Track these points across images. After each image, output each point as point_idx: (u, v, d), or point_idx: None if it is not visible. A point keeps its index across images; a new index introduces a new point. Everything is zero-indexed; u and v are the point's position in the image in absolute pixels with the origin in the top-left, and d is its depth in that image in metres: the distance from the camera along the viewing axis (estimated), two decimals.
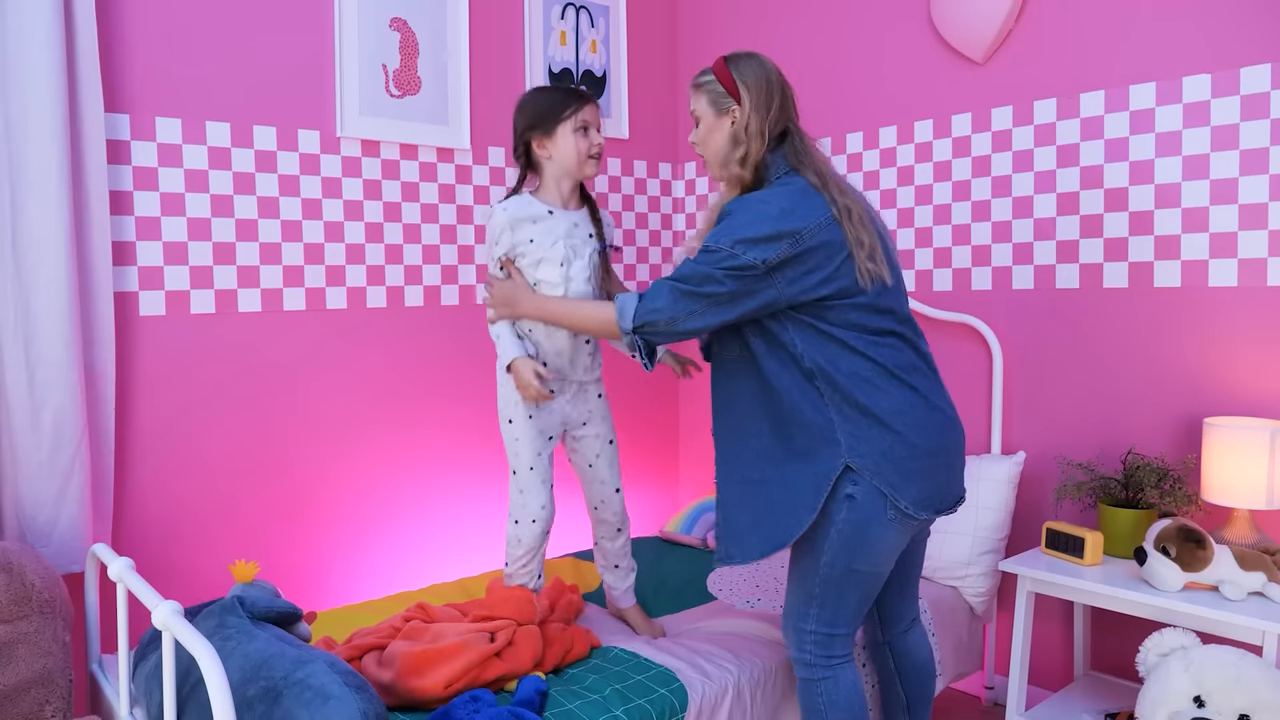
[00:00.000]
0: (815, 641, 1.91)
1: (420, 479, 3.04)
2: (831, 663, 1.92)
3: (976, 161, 2.79)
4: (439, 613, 2.07)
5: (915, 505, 1.79)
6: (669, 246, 3.70)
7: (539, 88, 2.22)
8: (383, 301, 2.93)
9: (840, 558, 1.83)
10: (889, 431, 1.78)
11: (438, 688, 1.74)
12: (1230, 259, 2.33)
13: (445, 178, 3.05)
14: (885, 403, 1.78)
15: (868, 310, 1.80)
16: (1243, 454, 2.15)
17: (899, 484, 1.78)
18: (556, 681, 1.96)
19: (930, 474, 1.81)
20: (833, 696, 1.91)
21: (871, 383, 1.79)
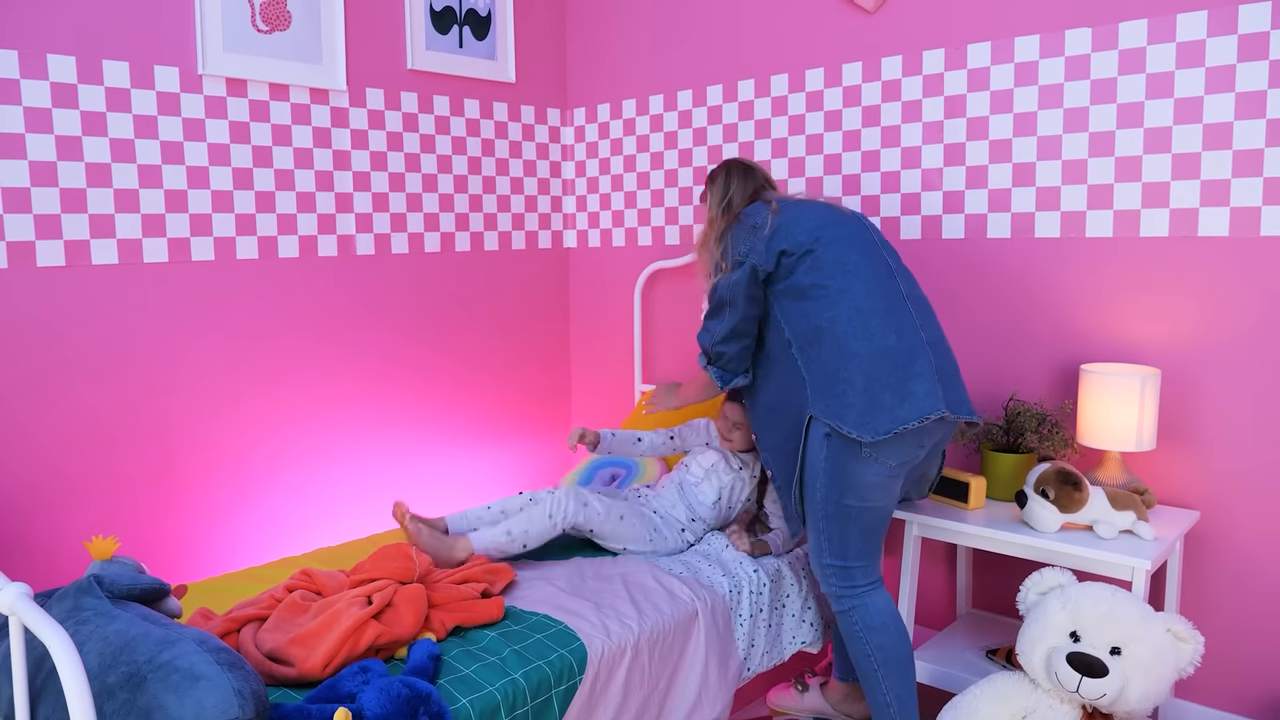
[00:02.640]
0: (835, 574, 2.15)
1: (300, 438, 2.90)
2: (856, 591, 2.14)
3: (866, 111, 2.79)
4: (323, 579, 1.98)
5: (857, 430, 2.01)
6: (558, 195, 3.61)
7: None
8: (254, 253, 2.76)
9: (831, 494, 2.09)
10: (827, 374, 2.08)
11: (316, 669, 1.66)
12: (1106, 210, 2.39)
13: (320, 120, 2.87)
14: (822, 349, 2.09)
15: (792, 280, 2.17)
16: (1116, 399, 2.23)
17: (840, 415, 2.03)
18: (456, 643, 1.90)
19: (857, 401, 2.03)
20: (868, 622, 2.13)
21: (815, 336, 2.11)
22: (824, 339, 2.07)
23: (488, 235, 3.37)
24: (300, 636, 1.71)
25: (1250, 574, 2.29)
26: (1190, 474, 2.35)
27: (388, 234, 3.07)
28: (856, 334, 2.04)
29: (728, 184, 2.31)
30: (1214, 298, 2.27)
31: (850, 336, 2.04)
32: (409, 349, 3.17)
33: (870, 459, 2.04)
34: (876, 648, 2.13)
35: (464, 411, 3.35)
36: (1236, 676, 2.34)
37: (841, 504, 2.09)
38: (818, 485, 2.10)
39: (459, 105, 3.23)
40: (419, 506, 3.23)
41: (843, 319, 2.06)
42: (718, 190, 2.33)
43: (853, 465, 2.05)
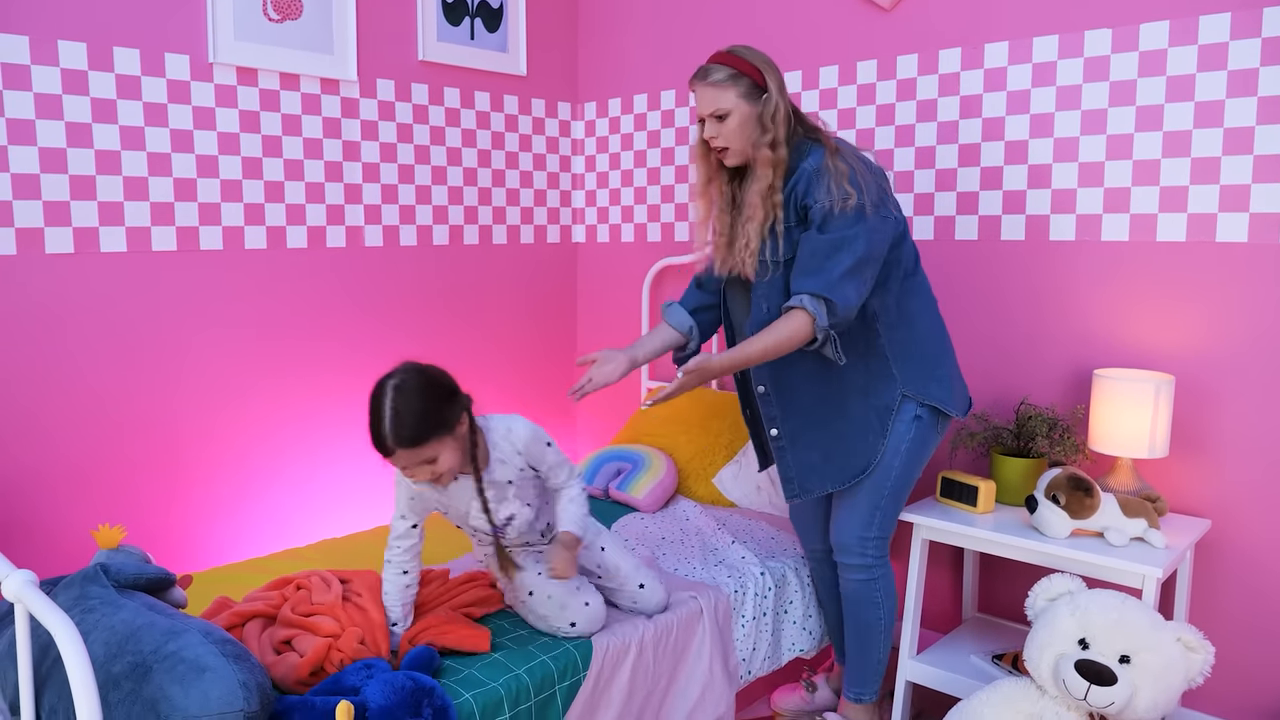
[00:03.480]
0: (876, 545, 2.22)
1: (305, 429, 2.89)
2: (885, 560, 2.26)
3: (881, 110, 2.77)
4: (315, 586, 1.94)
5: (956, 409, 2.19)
6: (567, 189, 3.59)
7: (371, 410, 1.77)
8: (263, 243, 2.75)
9: (906, 473, 2.18)
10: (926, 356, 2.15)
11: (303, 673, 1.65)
12: (1123, 214, 2.37)
13: (330, 111, 2.86)
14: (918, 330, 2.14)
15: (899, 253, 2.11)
16: (1129, 405, 2.21)
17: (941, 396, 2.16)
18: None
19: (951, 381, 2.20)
20: (888, 588, 2.26)
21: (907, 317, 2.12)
22: (922, 319, 2.15)
23: (496, 229, 3.35)
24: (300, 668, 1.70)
25: (1261, 584, 2.27)
26: (1202, 482, 2.33)
27: (396, 226, 3.06)
28: (940, 318, 2.21)
29: (783, 90, 2.05)
30: (1231, 304, 2.25)
31: (940, 320, 2.20)
32: (415, 341, 3.16)
33: (942, 435, 2.23)
34: (888, 611, 2.27)
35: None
36: (1245, 687, 2.32)
37: (910, 481, 2.21)
38: (894, 465, 2.17)
39: (469, 97, 3.22)
40: None
41: (933, 301, 2.18)
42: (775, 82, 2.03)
43: (932, 443, 2.21)
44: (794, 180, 2.03)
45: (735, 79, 2.02)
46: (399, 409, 1.68)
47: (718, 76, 2.02)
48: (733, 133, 2.04)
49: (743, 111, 2.03)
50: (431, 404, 1.72)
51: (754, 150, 2.04)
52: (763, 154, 2.03)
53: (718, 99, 2.03)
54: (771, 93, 2.03)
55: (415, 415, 1.68)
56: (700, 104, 2.06)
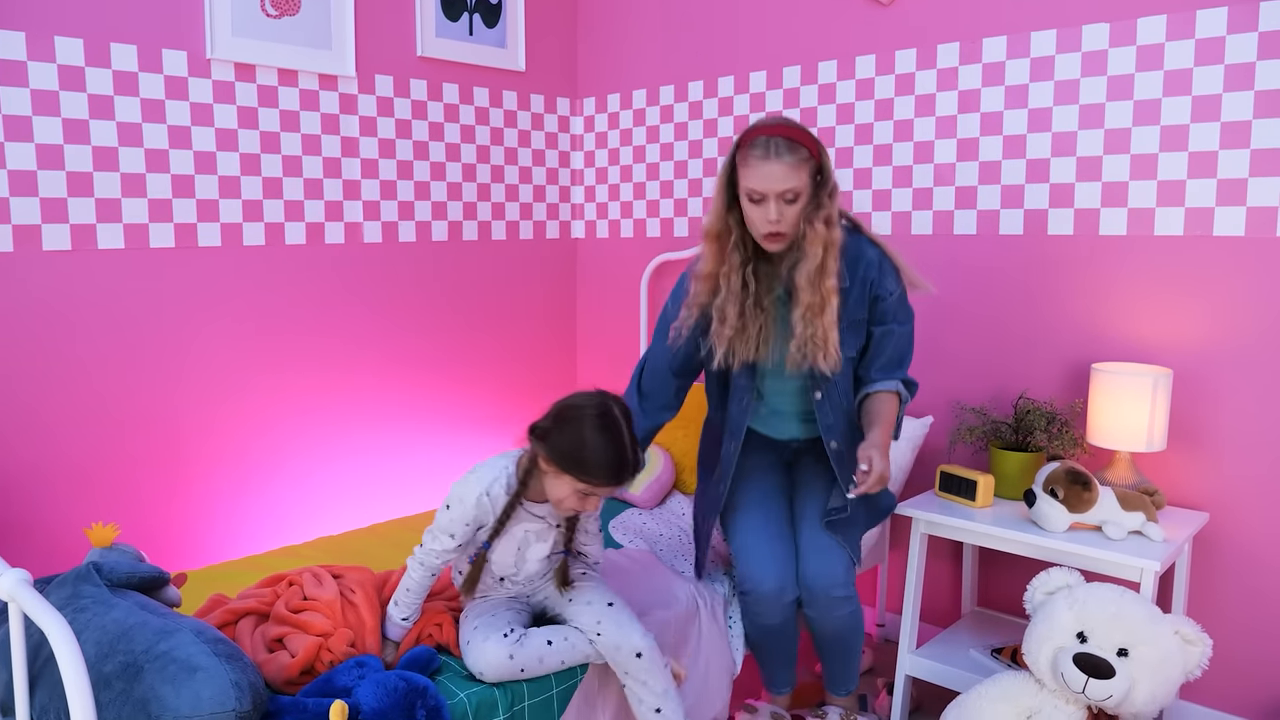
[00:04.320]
0: (852, 573, 2.15)
1: (304, 426, 2.89)
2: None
3: (879, 104, 2.76)
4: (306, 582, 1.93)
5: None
6: (566, 185, 3.59)
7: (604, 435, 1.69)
8: (261, 239, 2.75)
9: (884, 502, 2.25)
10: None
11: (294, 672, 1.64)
12: (1121, 208, 2.36)
13: (328, 107, 2.85)
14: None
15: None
16: (1127, 399, 2.21)
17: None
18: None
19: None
20: (860, 616, 2.20)
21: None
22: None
23: (495, 225, 3.35)
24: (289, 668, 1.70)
25: (1259, 577, 2.27)
26: (1200, 476, 2.33)
27: (395, 222, 3.06)
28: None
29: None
30: (1228, 298, 2.25)
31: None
32: (414, 338, 3.16)
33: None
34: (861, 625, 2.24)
35: (469, 402, 3.34)
36: (1243, 680, 2.32)
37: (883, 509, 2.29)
38: (882, 494, 2.25)
39: (468, 93, 3.21)
40: (421, 498, 3.22)
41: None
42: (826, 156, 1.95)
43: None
44: (861, 268, 2.00)
45: (808, 160, 1.87)
46: (634, 441, 1.72)
47: (795, 157, 1.85)
48: (797, 215, 1.90)
49: (808, 194, 1.90)
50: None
51: (807, 227, 1.91)
52: (818, 232, 1.89)
53: (791, 179, 1.85)
54: (829, 169, 1.93)
55: (637, 447, 1.72)
56: (765, 182, 1.85)
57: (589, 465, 1.68)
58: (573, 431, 1.70)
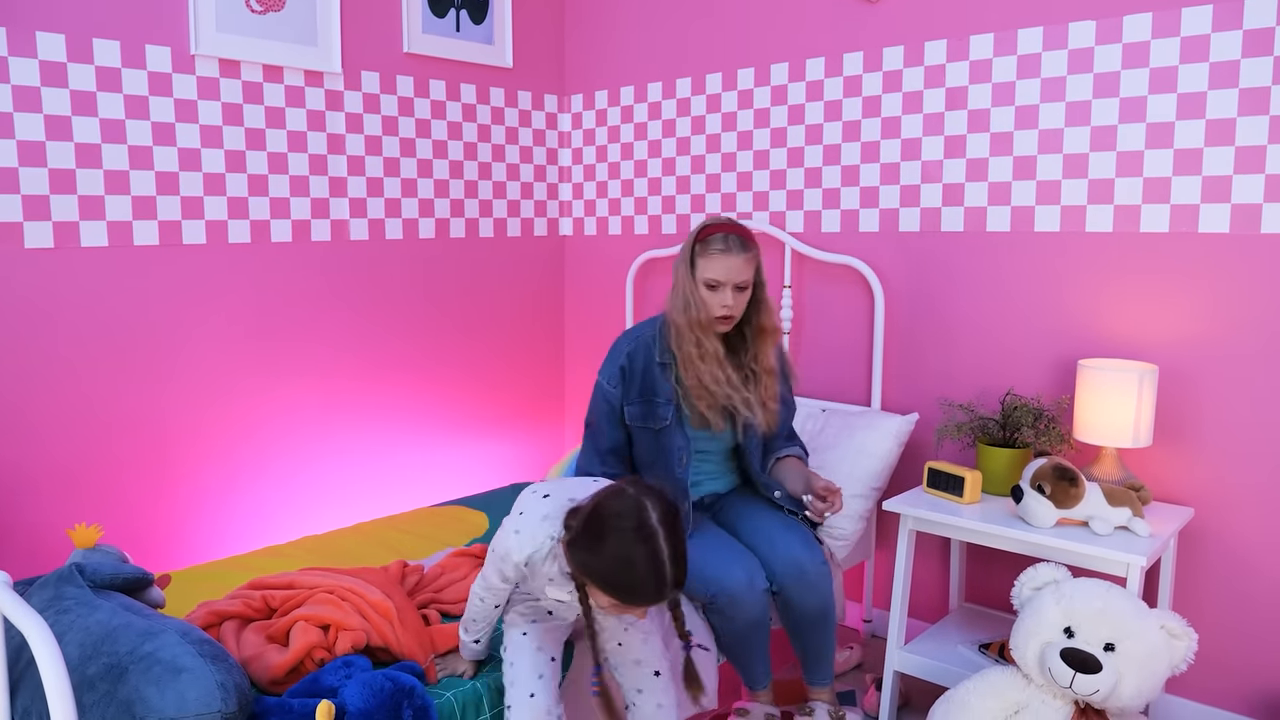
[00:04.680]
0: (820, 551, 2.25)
1: (290, 425, 2.88)
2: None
3: (867, 102, 2.76)
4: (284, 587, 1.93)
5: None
6: (554, 182, 3.58)
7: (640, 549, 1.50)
8: (246, 237, 2.73)
9: None
10: None
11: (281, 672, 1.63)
12: (1107, 205, 2.37)
13: (314, 104, 2.84)
14: None
15: None
16: (1113, 395, 2.22)
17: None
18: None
19: None
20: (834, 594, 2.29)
21: None
22: None
23: (483, 222, 3.34)
24: (274, 633, 1.69)
25: (1243, 572, 2.28)
26: (1186, 471, 2.34)
27: (382, 219, 3.05)
28: None
29: None
30: (1213, 295, 2.26)
31: None
32: (401, 336, 3.14)
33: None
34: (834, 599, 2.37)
35: (456, 400, 3.33)
36: (1228, 673, 2.33)
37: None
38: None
39: (455, 90, 3.20)
40: (406, 497, 3.21)
41: None
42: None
43: None
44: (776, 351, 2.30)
45: (755, 258, 2.16)
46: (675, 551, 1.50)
47: (748, 254, 2.13)
48: (744, 305, 2.17)
49: (750, 288, 2.18)
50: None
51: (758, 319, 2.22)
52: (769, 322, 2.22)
53: (745, 271, 2.13)
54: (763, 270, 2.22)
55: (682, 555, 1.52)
56: (726, 273, 2.11)
57: (621, 587, 1.50)
58: (604, 548, 1.49)
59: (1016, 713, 1.94)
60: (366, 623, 1.76)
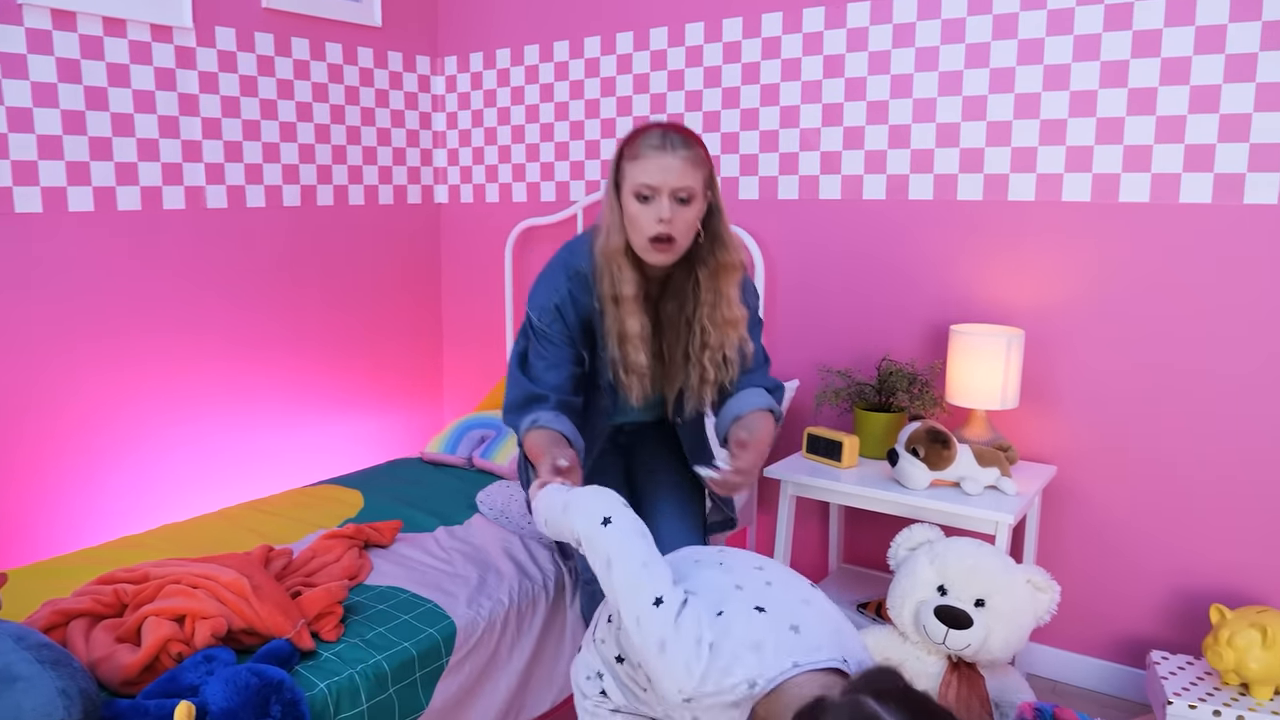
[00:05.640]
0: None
1: (145, 412, 2.70)
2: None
3: (746, 68, 2.74)
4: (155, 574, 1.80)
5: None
6: (428, 148, 3.45)
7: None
8: (89, 205, 2.53)
9: None
10: None
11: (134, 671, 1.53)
12: (977, 174, 2.43)
13: (162, 61, 2.64)
14: None
15: None
16: (983, 359, 2.28)
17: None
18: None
19: None
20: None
21: None
22: None
23: (353, 189, 3.19)
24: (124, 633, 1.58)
25: (1101, 525, 2.40)
26: (1050, 431, 2.44)
27: (242, 186, 2.87)
28: None
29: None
30: (1075, 261, 2.34)
31: None
32: (266, 310, 2.98)
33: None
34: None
35: (327, 376, 3.19)
36: (1088, 621, 2.45)
37: None
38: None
39: (320, 49, 3.03)
40: (277, 479, 3.06)
41: None
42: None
43: None
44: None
45: (704, 163, 1.69)
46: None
47: (692, 153, 1.67)
48: (689, 225, 1.70)
49: (700, 206, 1.71)
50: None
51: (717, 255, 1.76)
52: (732, 257, 1.76)
53: (687, 175, 1.65)
54: (718, 187, 1.76)
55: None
56: (662, 175, 1.64)
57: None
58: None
59: None
60: (224, 607, 1.65)
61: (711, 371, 1.81)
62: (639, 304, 1.75)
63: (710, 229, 1.75)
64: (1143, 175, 2.22)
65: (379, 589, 1.95)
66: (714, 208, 1.75)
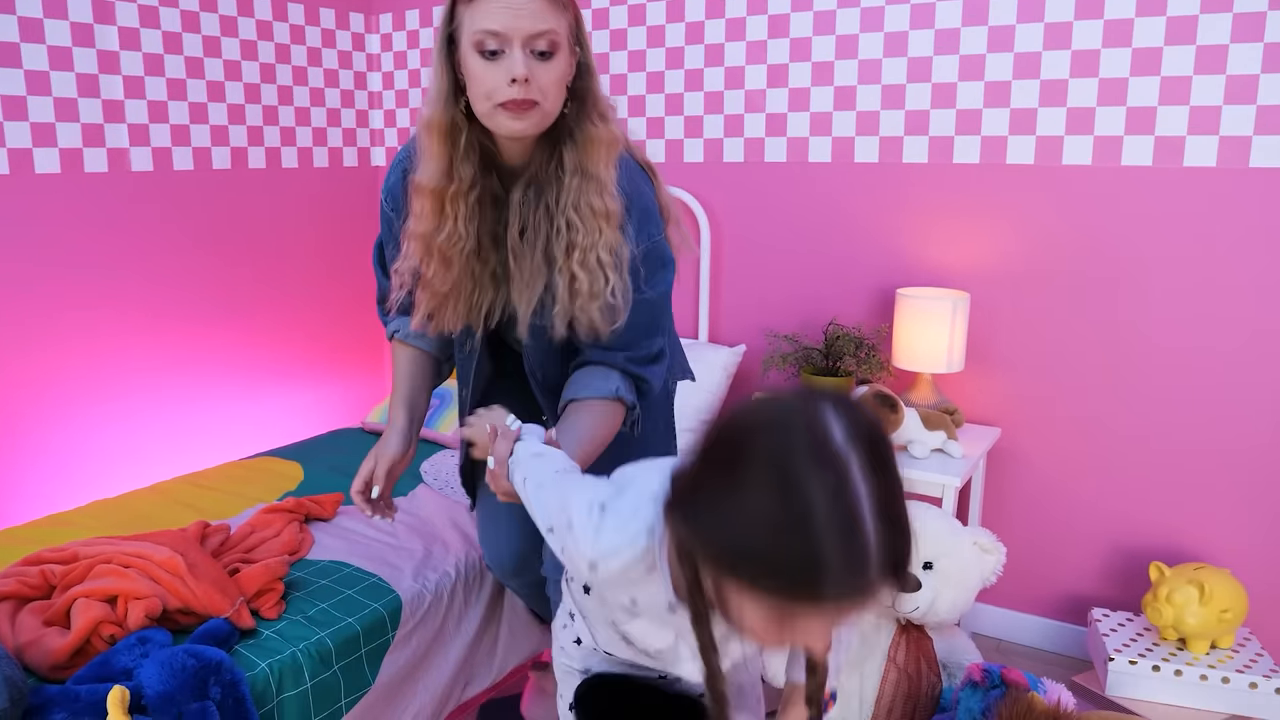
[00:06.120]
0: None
1: (71, 386, 2.58)
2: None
3: (690, 28, 2.69)
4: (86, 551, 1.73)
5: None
6: (363, 109, 3.34)
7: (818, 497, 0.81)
8: (3, 168, 2.39)
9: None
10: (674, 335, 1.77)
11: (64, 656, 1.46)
12: (922, 136, 2.42)
13: (79, 15, 2.49)
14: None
15: None
16: (928, 322, 2.29)
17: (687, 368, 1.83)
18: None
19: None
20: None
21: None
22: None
23: (285, 151, 3.08)
24: (52, 615, 1.51)
25: (1043, 486, 2.44)
26: (994, 394, 2.46)
27: (168, 148, 2.74)
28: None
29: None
30: (1018, 224, 2.35)
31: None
32: (196, 278, 2.87)
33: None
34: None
35: (262, 345, 3.09)
36: (1032, 581, 2.50)
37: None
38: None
39: (248, 5, 2.90)
40: (213, 453, 2.97)
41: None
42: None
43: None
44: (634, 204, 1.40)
45: (567, 8, 1.31)
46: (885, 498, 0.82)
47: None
48: (554, 84, 1.30)
49: (566, 60, 1.32)
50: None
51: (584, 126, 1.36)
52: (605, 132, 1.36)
53: (546, 18, 1.27)
54: (588, 43, 1.38)
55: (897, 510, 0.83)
56: (507, 19, 1.25)
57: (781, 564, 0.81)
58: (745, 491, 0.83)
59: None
60: (158, 586, 1.59)
61: (584, 279, 1.35)
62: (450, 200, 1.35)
63: (578, 93, 1.36)
64: (1085, 138, 2.23)
65: (321, 564, 1.90)
66: (584, 66, 1.36)
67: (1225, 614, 1.99)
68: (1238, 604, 2.00)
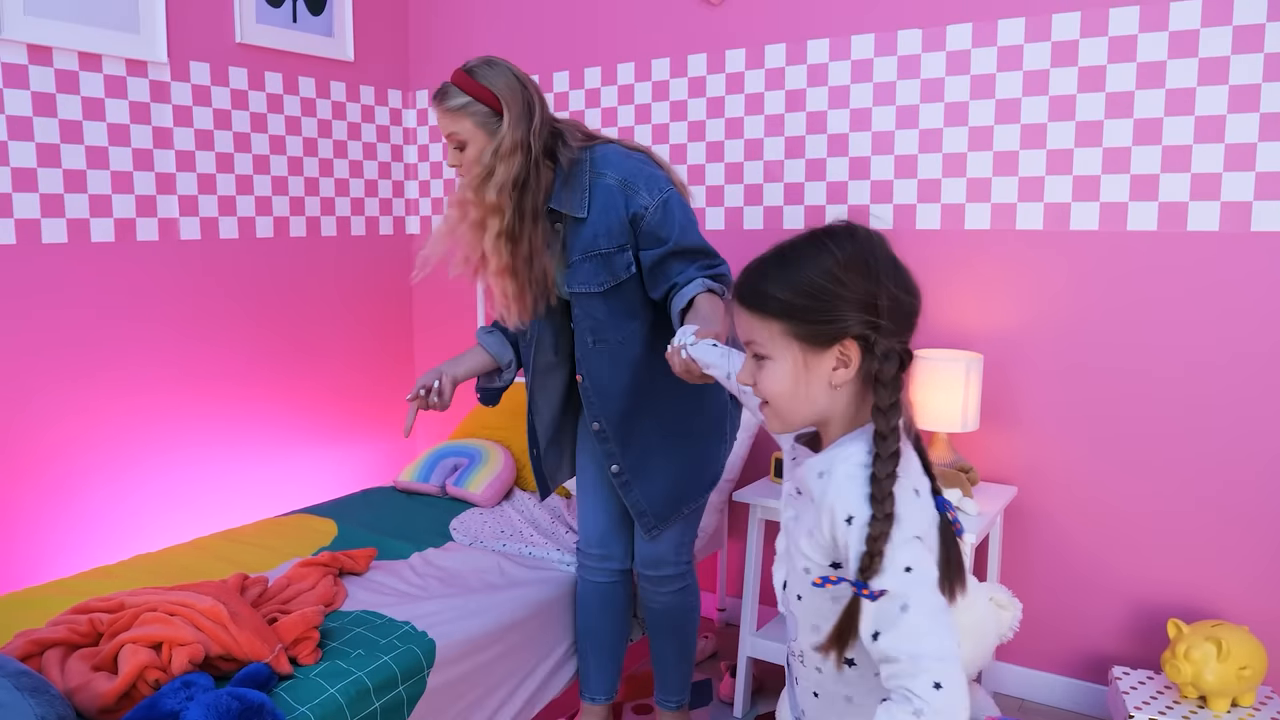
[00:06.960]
0: (689, 550, 2.15)
1: (119, 442, 2.70)
2: (693, 564, 2.19)
3: (711, 103, 2.82)
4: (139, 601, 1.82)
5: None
6: (400, 180, 3.50)
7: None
8: (63, 236, 2.54)
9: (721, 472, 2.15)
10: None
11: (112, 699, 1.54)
12: (934, 204, 2.51)
13: (137, 95, 2.67)
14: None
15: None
16: (943, 383, 2.35)
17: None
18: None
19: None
20: (697, 589, 2.20)
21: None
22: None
23: (325, 220, 3.23)
24: (100, 661, 1.58)
25: (1062, 543, 2.47)
26: (1010, 452, 2.51)
27: (215, 218, 2.90)
28: None
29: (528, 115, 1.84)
30: (1030, 287, 2.43)
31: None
32: (239, 340, 3.00)
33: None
34: (698, 610, 2.23)
35: (301, 405, 3.20)
36: (1052, 638, 2.51)
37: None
38: (720, 466, 2.12)
39: (293, 83, 3.08)
40: (250, 509, 3.06)
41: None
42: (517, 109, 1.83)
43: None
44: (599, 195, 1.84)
45: (470, 106, 1.82)
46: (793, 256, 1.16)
47: (454, 103, 1.83)
48: (469, 165, 1.85)
49: (479, 144, 1.84)
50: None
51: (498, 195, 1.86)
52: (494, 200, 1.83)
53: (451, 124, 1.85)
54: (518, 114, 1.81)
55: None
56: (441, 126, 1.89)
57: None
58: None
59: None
60: (201, 633, 1.67)
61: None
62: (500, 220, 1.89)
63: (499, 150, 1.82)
64: (1092, 204, 2.32)
65: (355, 614, 1.97)
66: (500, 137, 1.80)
67: (1244, 670, 2.00)
68: (1257, 661, 2.02)
